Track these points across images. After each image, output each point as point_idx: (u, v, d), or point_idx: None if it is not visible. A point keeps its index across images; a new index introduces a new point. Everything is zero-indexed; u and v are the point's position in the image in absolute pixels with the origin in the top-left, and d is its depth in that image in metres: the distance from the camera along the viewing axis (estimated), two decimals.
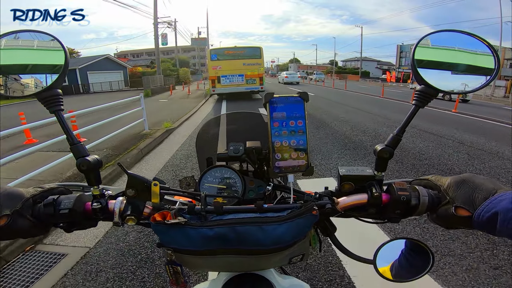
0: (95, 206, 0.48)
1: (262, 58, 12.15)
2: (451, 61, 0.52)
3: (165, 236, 0.45)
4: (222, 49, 12.74)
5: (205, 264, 0.51)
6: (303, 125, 0.50)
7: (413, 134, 5.65)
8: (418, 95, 0.49)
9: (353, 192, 0.52)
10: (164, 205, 0.50)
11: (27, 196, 0.46)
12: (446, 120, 7.54)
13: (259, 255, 0.47)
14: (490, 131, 6.21)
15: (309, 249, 0.53)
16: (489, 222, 0.39)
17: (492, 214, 0.38)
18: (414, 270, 0.53)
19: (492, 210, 0.38)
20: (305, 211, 0.45)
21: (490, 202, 0.39)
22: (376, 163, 0.51)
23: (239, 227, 0.44)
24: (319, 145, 4.94)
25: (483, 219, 0.39)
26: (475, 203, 0.41)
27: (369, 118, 7.89)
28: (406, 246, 0.54)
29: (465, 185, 0.44)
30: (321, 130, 6.13)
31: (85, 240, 2.25)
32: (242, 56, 11.93)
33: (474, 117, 8.28)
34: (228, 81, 11.70)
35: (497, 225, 0.37)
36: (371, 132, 6.01)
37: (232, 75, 11.67)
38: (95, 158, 0.49)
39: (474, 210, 0.41)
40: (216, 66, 11.77)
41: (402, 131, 0.50)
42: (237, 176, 0.59)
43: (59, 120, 0.49)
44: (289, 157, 0.50)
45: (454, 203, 0.43)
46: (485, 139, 5.35)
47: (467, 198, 0.42)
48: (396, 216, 0.50)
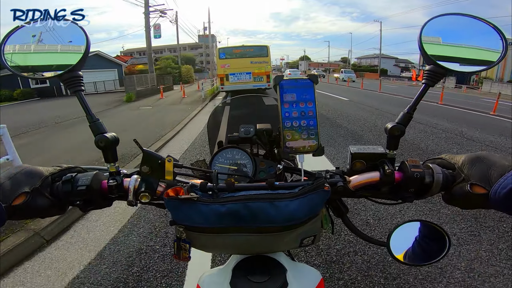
0: (111, 183, 0.49)
1: (269, 56, 12.30)
2: (458, 42, 0.52)
3: (178, 212, 0.46)
4: (230, 48, 12.96)
5: (216, 244, 0.51)
6: (313, 107, 0.50)
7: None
8: (428, 74, 0.50)
9: (364, 171, 0.51)
10: (177, 183, 0.51)
11: (46, 174, 0.47)
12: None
13: (271, 233, 0.47)
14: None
15: (320, 230, 0.52)
16: (506, 199, 0.37)
17: (508, 190, 0.37)
18: (429, 254, 0.52)
19: (509, 186, 0.37)
20: (317, 187, 0.45)
21: (506, 178, 0.38)
22: (388, 141, 0.51)
23: (251, 203, 0.44)
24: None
25: (499, 196, 0.38)
26: (491, 180, 0.40)
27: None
28: (421, 228, 0.53)
29: (480, 162, 0.43)
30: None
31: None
32: (249, 54, 12.15)
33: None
34: (236, 79, 11.94)
35: None
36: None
37: (240, 73, 11.90)
38: (113, 135, 0.51)
39: (490, 187, 0.39)
40: (225, 64, 12.03)
41: (413, 108, 0.50)
42: (248, 157, 0.60)
43: (80, 99, 0.51)
44: (299, 138, 0.50)
45: (469, 180, 0.42)
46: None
47: (483, 175, 0.41)
48: (410, 195, 0.49)
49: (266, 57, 12.20)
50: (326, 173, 0.53)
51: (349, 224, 0.56)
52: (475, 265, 1.79)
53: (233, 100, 1.03)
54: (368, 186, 0.51)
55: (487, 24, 0.50)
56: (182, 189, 0.45)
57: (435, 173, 0.46)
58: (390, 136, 0.50)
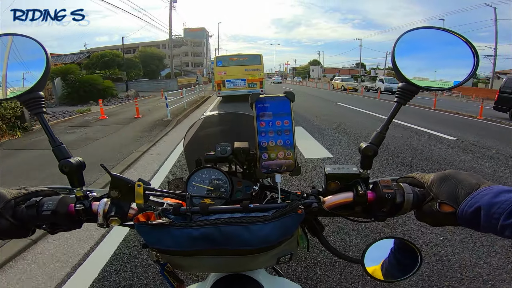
0: (78, 207, 0.47)
1: (262, 65, 13.58)
2: (431, 58, 0.52)
3: (149, 237, 0.45)
4: (227, 56, 14.29)
5: (192, 265, 0.50)
6: (290, 125, 0.50)
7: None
8: (400, 92, 0.50)
9: (339, 191, 0.52)
10: (150, 206, 0.50)
11: (9, 198, 0.45)
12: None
13: (247, 255, 0.46)
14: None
15: (297, 248, 0.53)
16: (472, 217, 0.38)
17: (475, 209, 0.37)
18: (403, 269, 0.53)
19: (475, 205, 0.38)
20: (290, 210, 0.45)
21: (473, 197, 0.39)
22: (361, 161, 0.51)
23: (225, 227, 0.44)
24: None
25: (466, 214, 0.39)
26: (459, 198, 0.41)
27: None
28: (394, 245, 0.54)
29: (449, 181, 0.44)
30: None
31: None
32: (244, 62, 13.29)
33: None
34: (232, 85, 13.09)
35: (481, 221, 0.37)
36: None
37: (236, 80, 13.04)
38: (78, 160, 0.49)
39: (458, 205, 0.40)
40: (221, 72, 13.19)
41: (386, 128, 0.51)
42: (224, 177, 0.59)
43: (41, 122, 0.49)
44: (276, 157, 0.50)
45: (438, 199, 0.43)
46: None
47: (450, 193, 0.42)
48: (382, 214, 0.50)
49: (259, 65, 13.38)
50: (302, 194, 0.53)
51: (325, 242, 0.56)
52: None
53: (210, 117, 1.02)
54: (342, 206, 0.52)
55: (459, 37, 0.49)
56: (153, 214, 0.45)
57: (405, 193, 0.47)
58: (364, 156, 0.50)
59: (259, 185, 0.56)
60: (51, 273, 1.87)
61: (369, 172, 0.51)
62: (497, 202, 0.35)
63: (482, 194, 0.38)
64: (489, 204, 0.36)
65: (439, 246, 2.10)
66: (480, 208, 0.37)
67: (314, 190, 0.54)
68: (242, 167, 0.61)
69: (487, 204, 0.36)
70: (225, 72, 13.09)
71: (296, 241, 0.51)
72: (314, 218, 0.55)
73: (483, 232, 0.39)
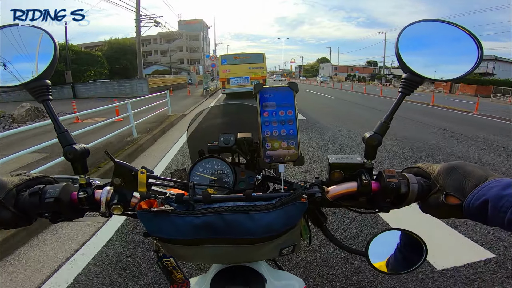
0: (81, 195, 0.47)
1: (265, 63, 13.99)
2: (435, 50, 0.53)
3: (151, 225, 0.45)
4: (231, 55, 14.68)
5: (194, 255, 0.50)
6: (293, 115, 0.50)
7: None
8: (404, 82, 0.50)
9: (342, 181, 0.52)
10: (152, 195, 0.49)
11: (10, 187, 0.45)
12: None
13: (250, 245, 0.46)
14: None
15: (300, 239, 0.52)
16: (479, 210, 0.37)
17: (482, 202, 0.37)
18: (408, 262, 0.52)
19: (482, 197, 0.37)
20: (294, 199, 0.45)
21: (480, 190, 0.38)
22: (365, 150, 0.51)
23: (228, 215, 0.43)
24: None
25: (473, 207, 0.38)
26: (465, 190, 0.40)
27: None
28: (399, 237, 0.53)
29: (456, 172, 0.43)
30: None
31: None
32: (247, 61, 13.78)
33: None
34: (236, 83, 13.50)
35: (488, 213, 0.36)
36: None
37: (240, 77, 13.46)
38: (82, 147, 0.49)
39: (464, 198, 0.39)
40: (226, 70, 13.56)
41: (390, 118, 0.50)
42: (228, 167, 0.59)
43: (47, 109, 0.49)
44: (279, 147, 0.49)
45: (444, 191, 0.42)
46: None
47: (457, 185, 0.41)
48: (387, 205, 0.49)
49: (262, 63, 13.80)
50: (305, 184, 0.52)
51: (328, 233, 0.56)
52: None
53: (214, 108, 1.02)
54: (346, 196, 0.51)
55: (463, 30, 0.50)
56: (156, 201, 0.44)
57: (410, 183, 0.46)
58: (368, 145, 0.50)
59: (262, 175, 0.56)
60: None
61: (373, 162, 0.51)
62: (505, 195, 0.35)
63: (489, 187, 0.37)
64: (496, 197, 0.35)
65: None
66: (487, 201, 0.36)
67: (317, 180, 0.54)
68: (245, 157, 0.61)
69: (494, 197, 0.36)
70: (229, 70, 13.44)
71: (299, 231, 0.51)
72: (317, 209, 0.55)
73: (489, 226, 0.38)
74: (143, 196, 0.48)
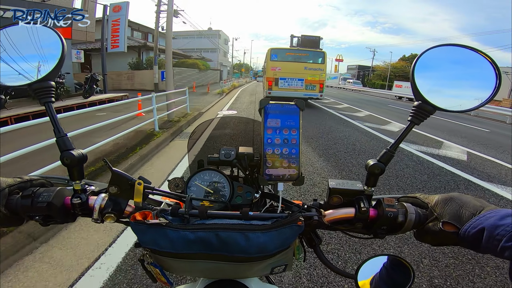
0: (75, 201, 0.46)
1: (325, 64, 11.06)
2: (452, 77, 0.50)
3: (144, 236, 0.44)
4: (284, 50, 11.51)
5: (185, 268, 0.49)
6: (297, 135, 0.50)
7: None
8: (414, 111, 0.48)
9: (341, 206, 0.52)
10: (148, 205, 0.49)
11: (3, 186, 0.44)
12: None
13: (241, 263, 0.46)
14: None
15: (292, 259, 0.52)
16: (474, 238, 0.39)
17: (478, 231, 0.39)
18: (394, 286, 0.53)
19: (479, 226, 0.39)
20: (290, 221, 0.45)
21: (478, 219, 0.40)
22: (367, 178, 0.51)
23: (222, 232, 0.43)
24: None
25: (469, 234, 0.40)
26: (462, 219, 0.42)
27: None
28: (388, 261, 0.54)
29: (453, 202, 0.45)
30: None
31: None
32: (304, 59, 10.79)
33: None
34: (287, 85, 10.64)
35: (482, 242, 0.38)
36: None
37: (291, 79, 10.59)
38: (80, 152, 0.48)
39: (461, 225, 0.41)
40: (275, 67, 10.65)
41: (395, 147, 0.50)
42: (226, 180, 0.58)
43: (48, 111, 0.48)
44: (280, 166, 0.49)
45: (441, 218, 0.44)
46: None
47: (454, 214, 0.43)
48: (382, 232, 0.50)
49: (323, 64, 10.86)
50: (303, 205, 0.52)
51: (321, 255, 0.55)
52: None
53: (223, 118, 1.02)
54: (342, 221, 0.51)
55: (483, 56, 0.47)
56: (150, 213, 0.44)
57: (408, 213, 0.47)
58: (370, 173, 0.50)
59: (261, 192, 0.56)
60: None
61: (373, 190, 0.51)
62: (502, 225, 0.36)
63: (487, 216, 0.39)
64: (493, 226, 0.37)
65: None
66: (483, 229, 0.38)
67: (315, 203, 0.54)
68: (245, 172, 0.61)
69: (491, 226, 0.37)
70: (280, 68, 10.54)
71: (292, 252, 0.51)
72: (312, 231, 0.55)
73: (481, 253, 0.40)
74: (138, 206, 0.47)
